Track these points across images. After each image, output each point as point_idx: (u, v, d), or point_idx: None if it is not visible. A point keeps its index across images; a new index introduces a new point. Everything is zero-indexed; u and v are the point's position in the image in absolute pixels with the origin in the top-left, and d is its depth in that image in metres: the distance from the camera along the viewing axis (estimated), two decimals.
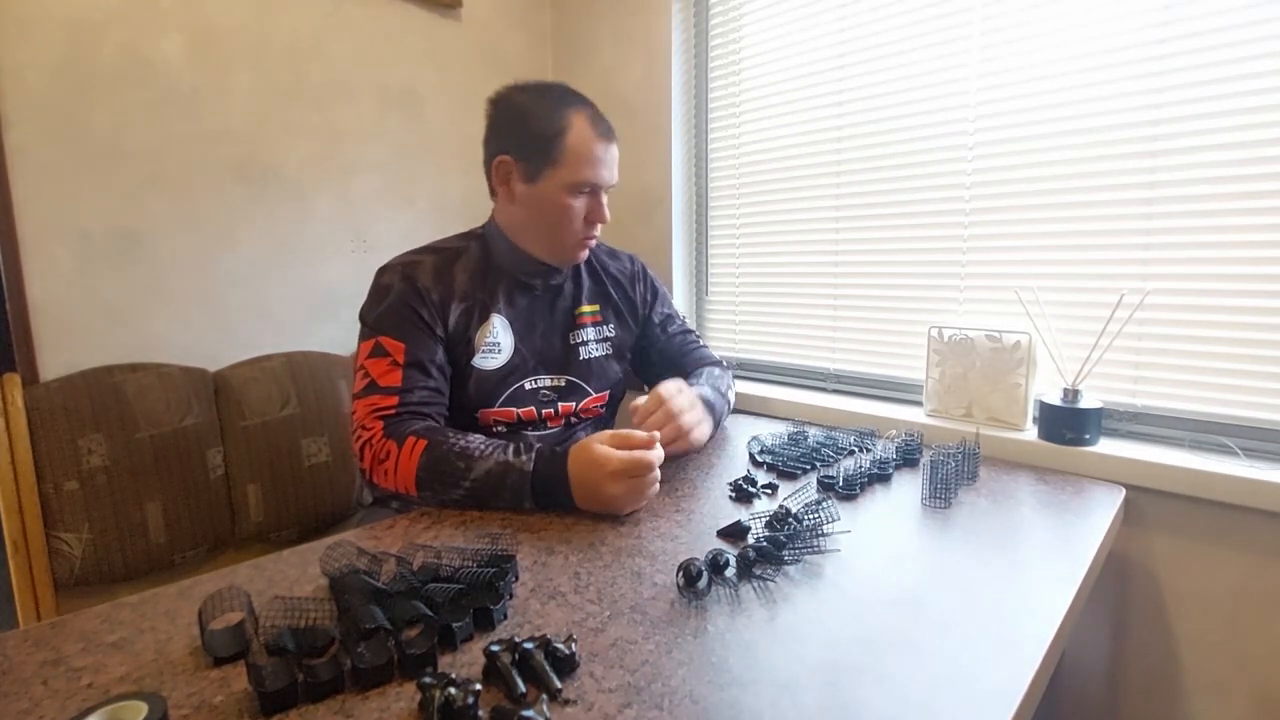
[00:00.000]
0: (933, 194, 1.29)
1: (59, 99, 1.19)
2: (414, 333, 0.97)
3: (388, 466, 0.88)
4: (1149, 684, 1.07)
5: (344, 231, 1.56)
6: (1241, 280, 0.99)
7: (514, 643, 0.53)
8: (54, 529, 1.10)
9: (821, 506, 0.78)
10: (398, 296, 0.98)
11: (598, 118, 1.02)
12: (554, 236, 1.04)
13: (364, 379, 0.95)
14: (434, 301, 0.99)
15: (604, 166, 1.01)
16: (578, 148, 0.98)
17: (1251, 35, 0.95)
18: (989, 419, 1.18)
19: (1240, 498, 0.94)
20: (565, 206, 1.01)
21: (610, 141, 1.03)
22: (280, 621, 0.56)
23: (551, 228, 1.03)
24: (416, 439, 0.88)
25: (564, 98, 1.02)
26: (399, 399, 0.93)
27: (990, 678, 0.53)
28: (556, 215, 1.01)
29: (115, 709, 0.47)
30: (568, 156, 0.98)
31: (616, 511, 0.84)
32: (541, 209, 1.02)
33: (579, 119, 0.99)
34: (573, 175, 0.99)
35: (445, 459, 0.86)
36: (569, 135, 0.98)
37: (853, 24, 1.37)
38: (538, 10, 1.90)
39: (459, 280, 1.03)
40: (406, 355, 0.95)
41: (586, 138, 0.99)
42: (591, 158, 0.99)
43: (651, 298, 1.25)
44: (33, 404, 1.09)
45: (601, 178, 1.01)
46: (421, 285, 0.99)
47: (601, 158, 1.00)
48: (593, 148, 0.99)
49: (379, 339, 0.96)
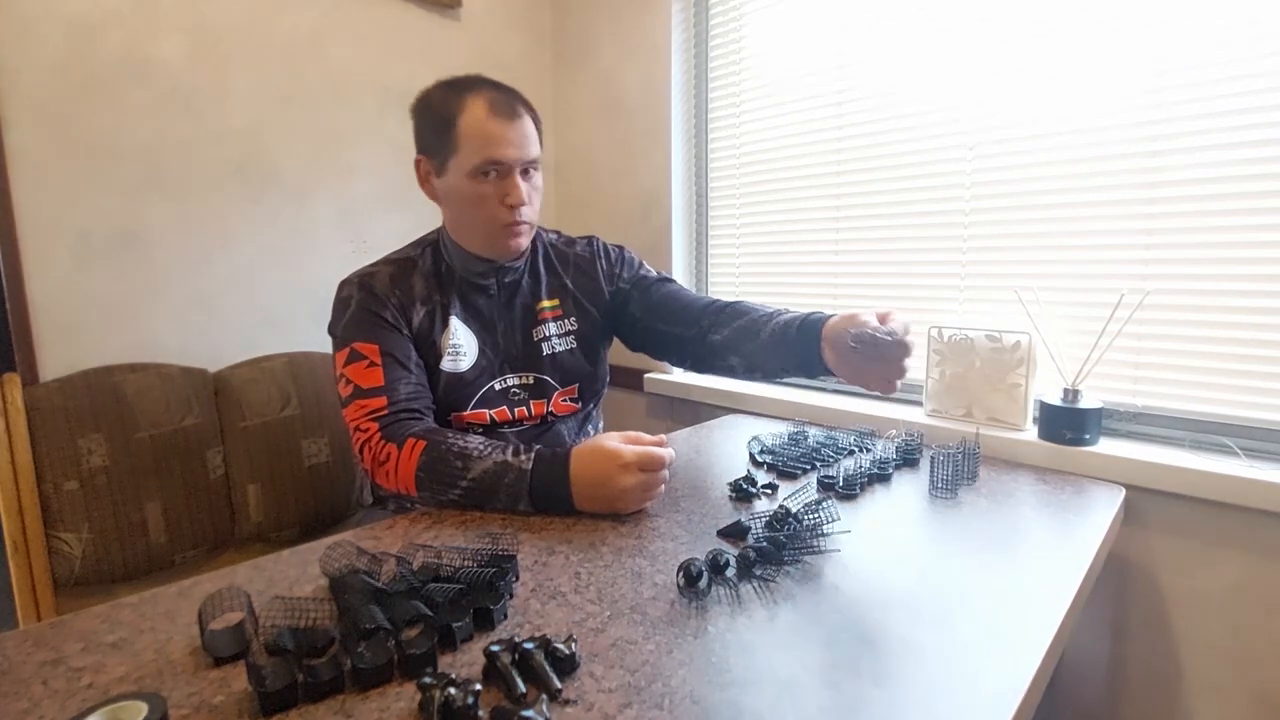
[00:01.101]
0: (933, 194, 1.29)
1: (59, 99, 1.19)
2: (383, 333, 0.97)
3: (389, 468, 0.88)
4: (1149, 684, 1.07)
5: (344, 232, 1.56)
6: (1241, 280, 0.99)
7: (514, 643, 0.53)
8: (54, 529, 1.10)
9: (821, 506, 0.78)
10: (359, 305, 0.99)
11: (498, 98, 0.97)
12: (476, 228, 1.01)
13: (347, 385, 0.95)
14: (395, 305, 1.00)
15: (505, 144, 0.95)
16: (471, 129, 0.95)
17: (1251, 35, 0.95)
18: (989, 419, 1.18)
19: (1240, 498, 0.94)
20: (473, 193, 0.97)
21: (511, 119, 0.96)
22: (280, 621, 0.56)
23: (470, 219, 1.00)
24: (416, 440, 0.88)
25: (465, 85, 0.98)
26: (386, 398, 0.93)
27: (990, 678, 0.53)
28: (469, 204, 0.98)
29: (115, 709, 0.47)
30: (463, 141, 0.95)
31: (621, 509, 0.84)
32: (457, 201, 1.00)
33: (474, 101, 0.95)
34: (470, 158, 0.95)
35: (443, 459, 0.86)
36: (462, 119, 0.95)
37: (853, 24, 1.37)
38: (538, 10, 1.90)
39: (416, 286, 1.03)
40: (382, 354, 0.95)
41: (479, 117, 0.95)
42: (486, 136, 0.94)
43: (619, 268, 1.18)
44: (33, 404, 1.09)
45: (503, 155, 0.95)
46: (380, 292, 1.00)
47: (499, 135, 0.95)
48: (486, 126, 0.94)
49: (352, 346, 0.96)
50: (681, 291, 1.15)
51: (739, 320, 1.03)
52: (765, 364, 1.00)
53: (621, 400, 1.87)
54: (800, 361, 0.94)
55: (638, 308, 1.14)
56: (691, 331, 1.08)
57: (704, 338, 1.07)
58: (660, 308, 1.12)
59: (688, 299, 1.12)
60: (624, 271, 1.17)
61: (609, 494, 0.83)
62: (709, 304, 1.10)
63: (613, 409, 1.87)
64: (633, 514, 0.85)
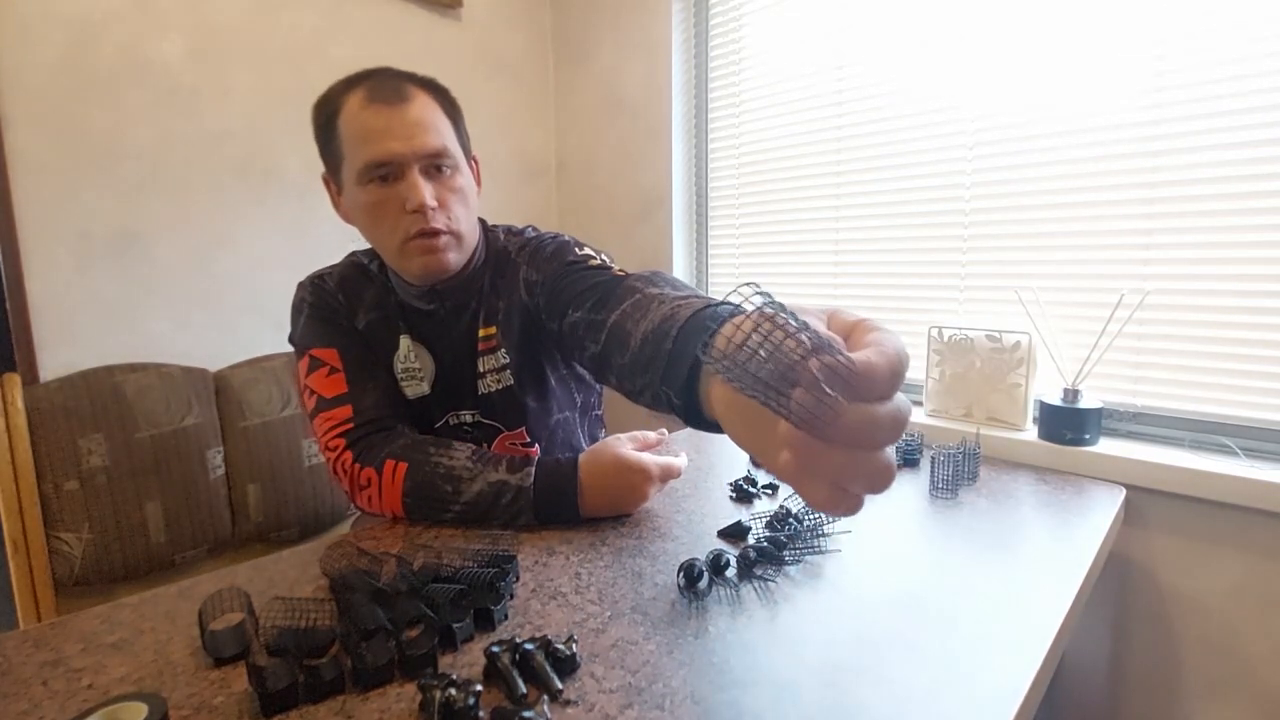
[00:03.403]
0: (933, 194, 1.29)
1: (59, 99, 1.19)
2: (340, 336, 0.90)
3: (370, 494, 0.82)
4: (1149, 684, 1.07)
5: (345, 231, 1.55)
6: (1241, 280, 0.99)
7: (515, 643, 0.53)
8: (54, 529, 1.10)
9: None
10: (311, 309, 0.91)
11: (377, 85, 0.80)
12: (382, 246, 0.86)
13: (311, 397, 0.87)
14: (342, 305, 0.92)
15: (385, 137, 0.78)
16: (350, 128, 0.80)
17: (1251, 35, 0.95)
18: (989, 419, 1.18)
19: (1240, 498, 0.94)
20: (366, 203, 0.81)
21: (392, 104, 0.79)
22: (280, 622, 0.56)
23: (373, 236, 0.85)
24: (396, 462, 0.80)
25: (347, 81, 0.83)
26: (352, 408, 0.85)
27: (990, 678, 0.53)
28: (367, 218, 0.83)
29: (115, 710, 0.47)
30: (344, 143, 0.80)
31: (628, 512, 0.84)
32: (358, 217, 0.85)
33: (351, 96, 0.80)
34: (354, 163, 0.80)
35: (430, 483, 0.79)
36: (341, 118, 0.80)
37: (852, 23, 1.37)
38: (538, 10, 1.90)
39: (369, 290, 0.93)
40: (342, 358, 0.88)
41: (355, 112, 0.79)
42: (364, 131, 0.78)
43: (535, 273, 0.90)
44: (33, 404, 1.09)
45: (386, 151, 0.78)
46: (329, 290, 0.92)
47: (379, 127, 0.78)
48: (364, 121, 0.79)
49: (310, 353, 0.88)
50: (576, 273, 0.83)
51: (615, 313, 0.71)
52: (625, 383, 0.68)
53: (621, 399, 1.86)
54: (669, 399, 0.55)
55: (571, 324, 0.79)
56: (556, 325, 0.83)
57: (576, 346, 0.79)
58: (552, 305, 0.85)
59: (576, 281, 0.81)
60: (538, 274, 0.90)
61: (628, 502, 0.82)
62: (590, 284, 0.78)
63: (612, 409, 1.87)
64: (632, 514, 0.85)
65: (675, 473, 0.84)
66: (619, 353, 0.66)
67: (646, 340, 0.59)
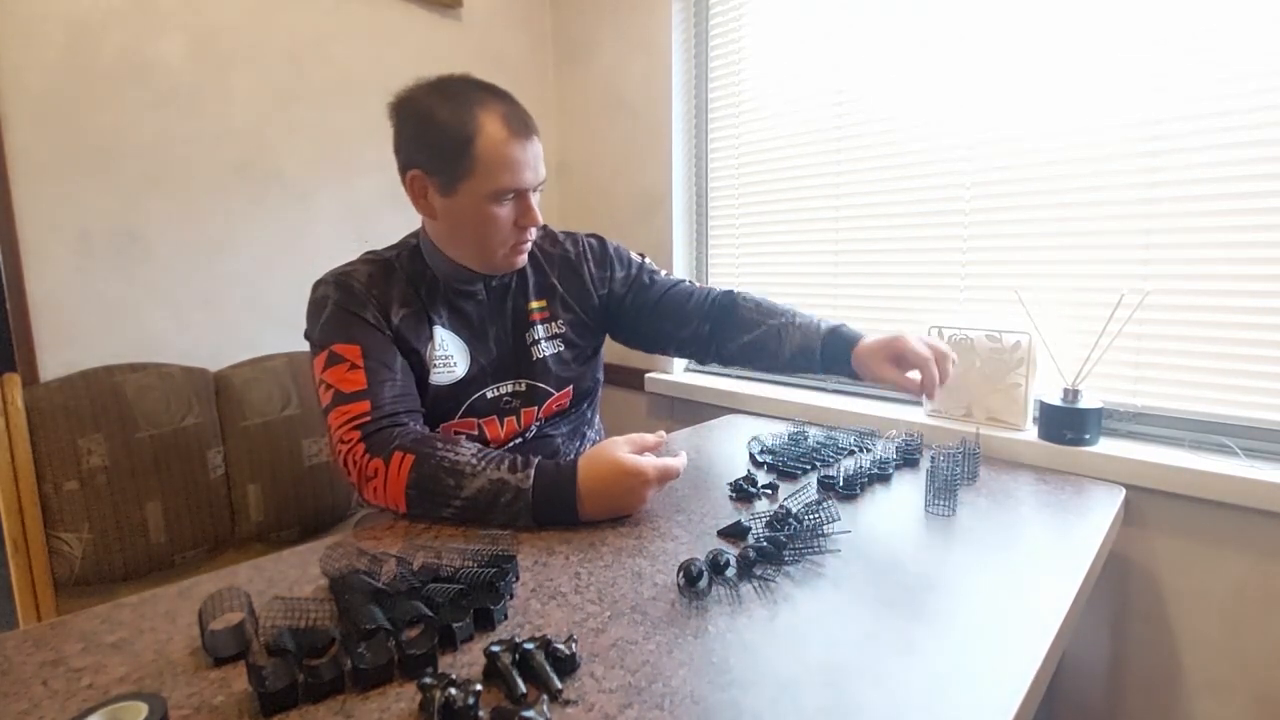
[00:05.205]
0: (933, 194, 1.29)
1: (59, 99, 1.19)
2: (364, 333, 0.91)
3: (376, 485, 0.83)
4: (1149, 684, 1.07)
5: (345, 232, 1.56)
6: (1241, 280, 0.99)
7: (514, 643, 0.53)
8: (54, 529, 1.10)
9: (822, 507, 0.78)
10: (336, 305, 0.92)
11: (512, 113, 0.90)
12: (482, 248, 0.95)
13: (328, 391, 0.88)
14: (375, 302, 0.94)
15: (524, 169, 0.90)
16: (491, 154, 0.88)
17: (1251, 35, 0.95)
18: (989, 419, 1.18)
19: (1240, 498, 0.94)
20: (489, 217, 0.91)
21: (527, 138, 0.90)
22: (280, 622, 0.56)
23: (477, 239, 0.94)
24: (404, 454, 0.82)
25: (471, 96, 0.90)
26: (370, 403, 0.87)
27: (990, 678, 0.53)
28: (481, 227, 0.92)
29: (115, 709, 0.47)
30: (481, 165, 0.88)
31: (627, 514, 0.84)
32: (464, 222, 0.93)
33: (489, 120, 0.88)
34: (489, 184, 0.89)
35: (434, 476, 0.81)
36: (479, 141, 0.87)
37: (852, 24, 1.37)
38: (538, 10, 1.90)
39: (396, 288, 0.96)
40: (364, 355, 0.89)
41: (499, 140, 0.88)
42: (508, 162, 0.88)
43: (609, 270, 1.12)
44: (33, 404, 1.09)
45: (523, 181, 0.90)
46: (359, 290, 0.93)
47: (519, 159, 0.89)
48: (508, 151, 0.88)
49: (330, 348, 0.90)
50: (679, 290, 1.12)
51: (749, 335, 1.05)
52: (783, 375, 1.09)
53: (621, 400, 1.87)
54: (826, 375, 1.08)
55: (633, 309, 1.11)
56: (686, 333, 1.09)
57: (708, 345, 1.10)
58: (658, 309, 1.11)
59: (686, 298, 1.11)
60: (614, 273, 1.12)
61: (626, 506, 0.83)
62: (711, 303, 1.10)
63: (612, 409, 1.87)
64: (632, 514, 0.85)
65: (674, 474, 0.85)
66: (764, 359, 1.08)
67: (794, 358, 1.04)
